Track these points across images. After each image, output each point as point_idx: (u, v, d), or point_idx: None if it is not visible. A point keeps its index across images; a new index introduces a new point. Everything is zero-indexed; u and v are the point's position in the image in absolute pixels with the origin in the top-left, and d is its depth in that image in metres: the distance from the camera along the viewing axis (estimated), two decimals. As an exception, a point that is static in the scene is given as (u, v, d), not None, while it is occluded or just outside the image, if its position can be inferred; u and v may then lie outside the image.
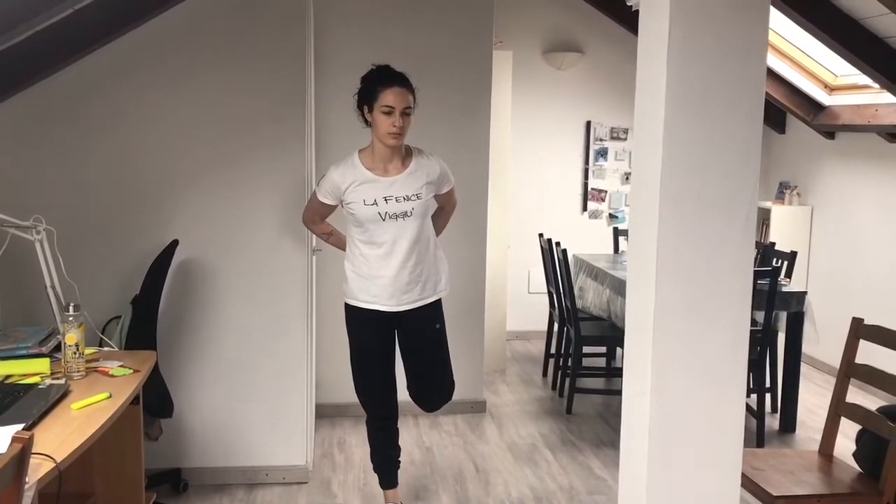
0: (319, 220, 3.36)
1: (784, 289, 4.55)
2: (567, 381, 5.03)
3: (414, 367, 3.35)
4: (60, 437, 2.08)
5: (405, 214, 3.12)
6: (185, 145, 3.59)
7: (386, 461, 3.41)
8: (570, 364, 5.01)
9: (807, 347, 4.81)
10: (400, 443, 3.47)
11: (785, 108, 6.00)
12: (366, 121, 3.14)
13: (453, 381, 3.44)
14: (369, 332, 3.24)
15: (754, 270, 2.25)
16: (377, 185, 3.11)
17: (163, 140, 3.58)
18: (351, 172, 3.13)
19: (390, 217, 3.11)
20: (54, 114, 3.50)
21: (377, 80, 3.08)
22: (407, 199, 3.13)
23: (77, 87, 3.49)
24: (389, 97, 3.04)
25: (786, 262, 5.01)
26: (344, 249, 3.31)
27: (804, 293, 4.57)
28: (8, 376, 2.56)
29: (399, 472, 3.49)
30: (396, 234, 3.13)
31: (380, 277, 3.15)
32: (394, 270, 3.14)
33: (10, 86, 3.34)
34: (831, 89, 5.68)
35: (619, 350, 5.65)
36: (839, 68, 5.44)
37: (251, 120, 3.61)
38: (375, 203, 3.09)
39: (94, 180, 3.56)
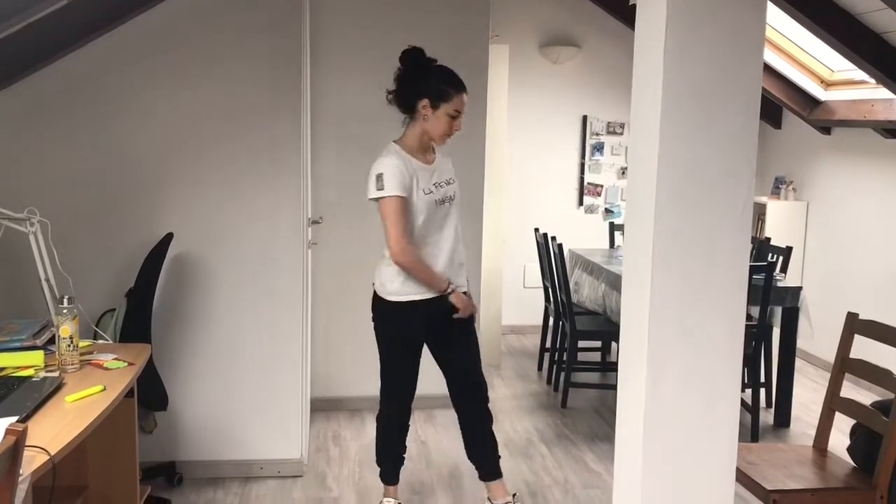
0: (409, 234, 3.06)
1: (779, 284, 4.55)
2: (562, 375, 5.04)
3: (458, 356, 3.25)
4: (54, 430, 2.07)
5: (451, 199, 3.19)
6: (180, 138, 3.58)
7: (393, 458, 3.39)
8: (565, 358, 5.02)
9: (801, 342, 4.82)
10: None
11: (781, 104, 6.00)
12: (411, 109, 3.10)
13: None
14: (413, 325, 3.17)
15: (749, 265, 2.25)
16: (428, 173, 3.13)
17: (158, 133, 3.57)
18: (406, 161, 3.09)
19: (439, 203, 3.14)
20: (49, 106, 3.48)
21: (452, 82, 3.09)
22: (448, 183, 3.20)
23: (71, 79, 3.48)
24: (460, 103, 3.09)
25: (781, 258, 5.02)
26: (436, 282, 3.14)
27: (799, 288, 4.58)
28: (2, 369, 2.55)
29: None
30: (445, 219, 3.17)
31: (434, 266, 3.13)
32: (446, 256, 3.15)
33: (3, 78, 3.32)
34: (827, 84, 5.68)
35: (614, 345, 5.66)
36: (835, 63, 5.45)
37: (246, 113, 3.60)
38: (431, 191, 3.12)
39: (89, 173, 3.54)
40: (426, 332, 3.21)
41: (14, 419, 2.06)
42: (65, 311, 2.59)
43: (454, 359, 3.28)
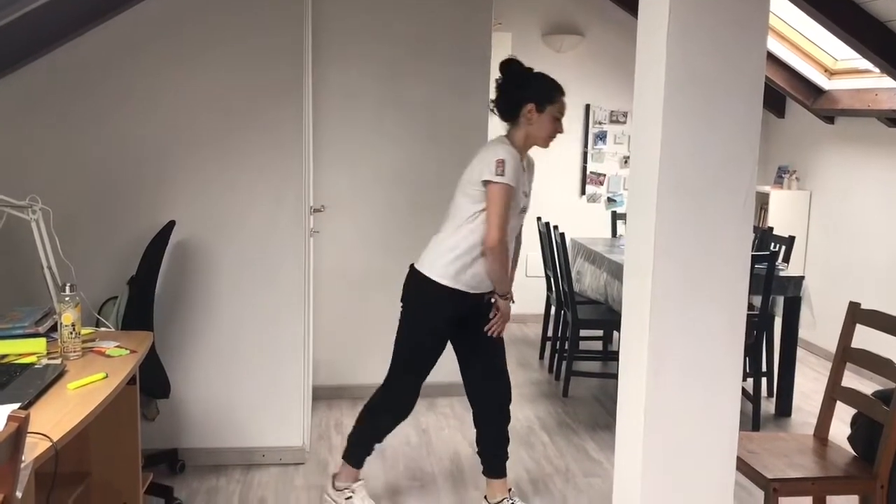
0: None
1: (781, 273, 4.55)
2: (564, 364, 5.04)
3: (489, 356, 3.25)
4: (57, 417, 2.07)
5: (525, 210, 3.20)
6: (182, 125, 3.58)
7: (372, 448, 3.34)
8: (566, 347, 5.02)
9: (803, 332, 4.82)
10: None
11: (784, 93, 5.98)
12: (514, 116, 3.11)
13: None
14: (450, 314, 3.15)
15: (752, 255, 2.25)
16: (524, 178, 3.15)
17: (160, 121, 3.56)
18: (518, 158, 3.07)
19: (522, 210, 3.17)
20: (50, 94, 3.48)
21: (555, 86, 3.12)
22: (527, 195, 3.22)
23: (73, 67, 3.47)
24: (563, 105, 3.13)
25: (784, 247, 5.01)
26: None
27: (801, 278, 4.57)
28: (4, 356, 2.56)
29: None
30: (518, 228, 3.20)
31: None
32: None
33: (3, 66, 3.32)
34: (831, 73, 5.66)
35: (615, 333, 5.66)
36: (839, 52, 5.42)
37: (248, 101, 3.59)
38: (522, 197, 3.14)
39: (91, 160, 3.54)
40: (458, 326, 3.20)
41: (16, 406, 2.06)
42: (67, 298, 2.59)
43: (483, 358, 3.26)
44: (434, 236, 3.18)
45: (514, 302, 3.24)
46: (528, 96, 3.09)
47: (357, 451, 3.33)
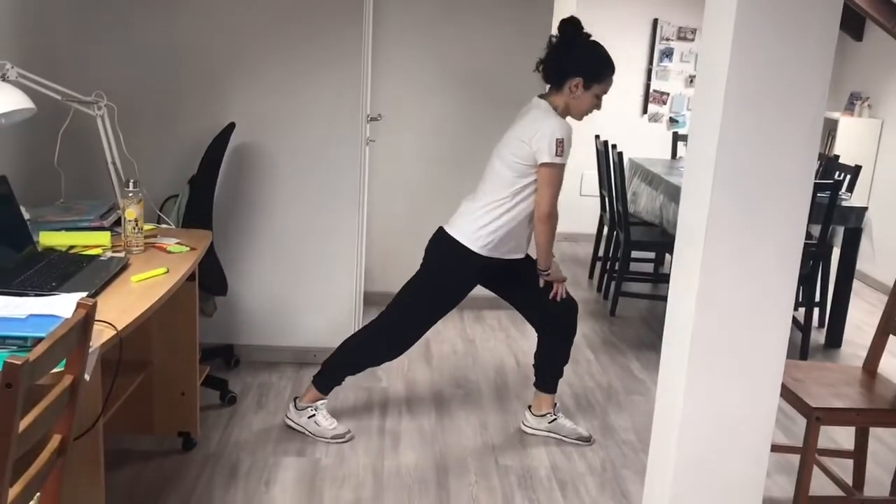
0: None
1: (844, 203, 4.44)
2: (613, 284, 5.04)
3: (541, 295, 3.23)
4: (121, 307, 2.16)
5: None
6: (246, 30, 3.57)
7: (344, 380, 3.30)
8: (616, 268, 5.01)
9: (861, 264, 4.73)
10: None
11: (864, 13, 5.69)
12: (560, 83, 3.01)
13: None
14: (475, 280, 3.17)
15: (814, 183, 2.19)
16: None
17: (224, 23, 3.56)
18: (572, 131, 3.01)
19: None
20: (115, -11, 3.50)
21: (609, 65, 3.02)
22: None
23: (137, -38, 3.47)
24: (609, 84, 3.04)
25: (848, 176, 4.87)
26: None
27: (864, 209, 4.46)
28: (71, 247, 2.66)
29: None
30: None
31: (525, 232, 3.12)
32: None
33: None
34: (918, -5, 5.36)
35: (668, 257, 5.63)
36: (929, -27, 5.12)
37: (309, 7, 3.56)
38: None
39: (156, 59, 3.58)
40: (491, 280, 3.21)
41: (84, 294, 2.16)
42: (130, 194, 2.66)
43: (537, 296, 3.22)
44: (468, 201, 3.10)
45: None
46: (578, 69, 2.98)
47: (329, 379, 3.27)
